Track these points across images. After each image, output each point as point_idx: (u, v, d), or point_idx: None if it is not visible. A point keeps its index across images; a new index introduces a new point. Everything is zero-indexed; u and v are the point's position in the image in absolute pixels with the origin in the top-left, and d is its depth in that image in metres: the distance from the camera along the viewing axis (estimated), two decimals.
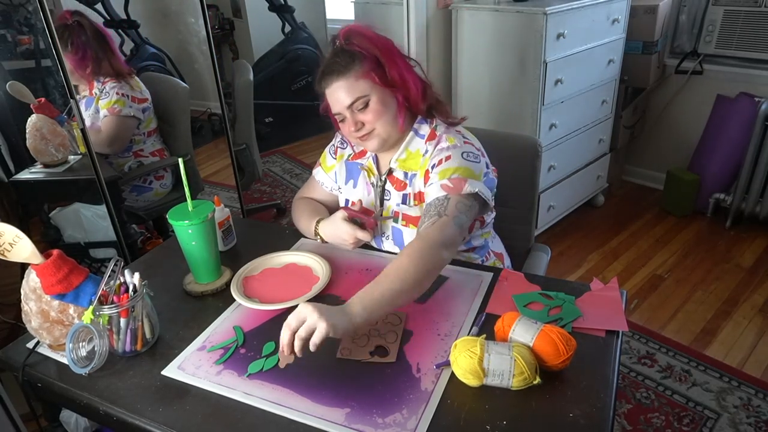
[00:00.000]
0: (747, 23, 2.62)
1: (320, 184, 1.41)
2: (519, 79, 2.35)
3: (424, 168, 1.21)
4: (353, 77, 1.15)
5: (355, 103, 1.16)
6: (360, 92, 1.15)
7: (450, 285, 1.16)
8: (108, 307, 0.94)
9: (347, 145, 1.36)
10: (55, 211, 2.14)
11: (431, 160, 1.20)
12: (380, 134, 1.19)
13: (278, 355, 0.91)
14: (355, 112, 1.17)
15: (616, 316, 1.02)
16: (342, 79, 1.15)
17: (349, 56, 1.15)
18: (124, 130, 2.10)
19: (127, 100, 2.08)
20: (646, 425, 1.75)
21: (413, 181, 1.24)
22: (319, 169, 1.41)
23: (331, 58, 1.17)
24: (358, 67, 1.15)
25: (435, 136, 1.22)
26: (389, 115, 1.18)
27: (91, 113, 2.08)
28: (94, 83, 2.07)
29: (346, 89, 1.15)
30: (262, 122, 3.41)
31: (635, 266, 2.55)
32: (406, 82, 1.18)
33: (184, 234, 1.13)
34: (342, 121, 1.20)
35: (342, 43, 1.18)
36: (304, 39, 3.46)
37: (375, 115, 1.17)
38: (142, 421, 0.88)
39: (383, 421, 0.84)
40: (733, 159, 2.70)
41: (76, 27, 1.97)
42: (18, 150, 1.91)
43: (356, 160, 1.34)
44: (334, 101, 1.18)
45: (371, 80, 1.15)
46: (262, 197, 3.18)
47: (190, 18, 2.60)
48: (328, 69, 1.17)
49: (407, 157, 1.24)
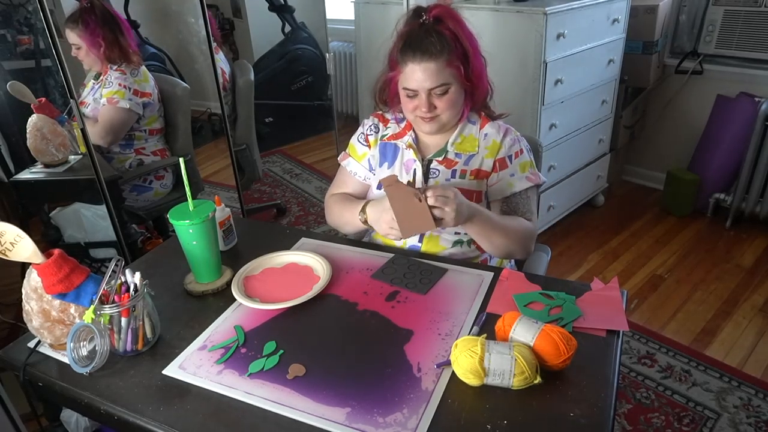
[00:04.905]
0: (747, 23, 2.62)
1: (352, 175, 1.41)
2: (519, 79, 2.35)
3: (495, 151, 1.29)
4: (443, 63, 1.17)
5: (436, 89, 1.19)
6: (444, 79, 1.18)
7: (450, 284, 1.16)
8: (109, 307, 0.94)
9: (380, 128, 1.38)
10: (56, 211, 2.14)
11: (507, 148, 1.29)
12: (443, 120, 1.25)
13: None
14: (432, 95, 1.20)
15: (616, 316, 1.02)
16: (432, 61, 1.16)
17: (443, 40, 1.17)
18: (119, 122, 2.08)
19: (127, 92, 2.07)
20: (646, 425, 1.75)
21: (470, 160, 1.30)
22: (349, 160, 1.42)
23: (423, 35, 1.17)
24: (449, 55, 1.17)
25: (487, 122, 1.31)
26: (458, 107, 1.25)
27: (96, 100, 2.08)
28: (108, 70, 2.07)
29: (433, 72, 1.17)
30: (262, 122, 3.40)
31: (635, 266, 2.55)
32: (482, 81, 1.26)
33: (184, 234, 1.13)
34: (412, 97, 1.22)
35: (431, 21, 1.18)
36: (304, 39, 3.46)
37: (448, 104, 1.21)
38: (143, 420, 0.88)
39: (384, 421, 0.84)
40: (733, 159, 2.70)
41: (87, 7, 2.01)
42: (18, 150, 1.91)
43: (393, 141, 1.35)
44: (415, 78, 1.19)
45: (456, 71, 1.19)
46: (262, 197, 3.18)
47: (190, 18, 2.60)
48: (419, 45, 1.17)
49: (462, 141, 1.31)
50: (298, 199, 3.18)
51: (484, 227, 1.19)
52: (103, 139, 2.09)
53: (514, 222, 1.26)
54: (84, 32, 2.01)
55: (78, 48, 2.03)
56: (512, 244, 1.24)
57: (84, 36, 2.01)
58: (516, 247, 1.25)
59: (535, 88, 2.31)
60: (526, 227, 1.27)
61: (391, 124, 1.37)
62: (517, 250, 1.26)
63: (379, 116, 1.39)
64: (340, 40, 3.79)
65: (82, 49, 2.03)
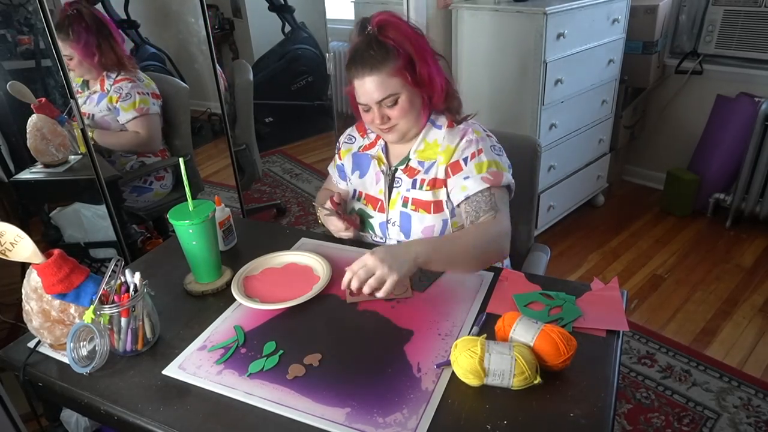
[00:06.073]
0: (747, 23, 2.62)
1: (331, 178, 1.49)
2: (519, 79, 2.35)
3: (449, 157, 1.24)
4: (386, 74, 1.16)
5: (385, 100, 1.18)
6: (391, 90, 1.17)
7: (450, 284, 1.16)
8: (109, 307, 0.94)
9: (355, 140, 1.41)
10: (56, 211, 2.14)
11: (461, 151, 1.23)
12: (402, 129, 1.23)
13: (347, 296, 1.08)
14: (382, 106, 1.19)
15: (616, 316, 1.02)
16: (375, 74, 1.16)
17: (383, 50, 1.15)
18: (156, 127, 2.14)
19: (149, 97, 2.09)
20: (646, 425, 1.75)
21: (430, 169, 1.27)
22: (331, 164, 1.48)
23: (364, 48, 1.17)
24: (392, 64, 1.15)
25: (453, 126, 1.27)
26: (414, 113, 1.22)
27: (102, 110, 2.06)
28: (104, 79, 2.05)
29: (377, 85, 1.16)
30: (262, 122, 3.41)
31: (635, 266, 2.55)
32: (434, 83, 1.22)
33: (184, 234, 1.13)
34: (367, 111, 1.23)
35: (374, 32, 1.17)
36: (304, 39, 3.46)
37: (401, 113, 1.20)
38: (143, 420, 0.88)
39: (384, 421, 0.84)
40: (733, 159, 2.70)
41: (75, 16, 1.95)
42: (18, 150, 1.91)
43: (366, 151, 1.37)
44: (363, 93, 1.19)
45: (403, 79, 1.17)
46: (262, 197, 3.18)
47: (190, 18, 2.60)
48: (361, 59, 1.17)
49: (425, 148, 1.28)
50: (298, 199, 3.18)
51: (441, 258, 1.06)
52: (148, 147, 2.14)
53: (475, 231, 1.15)
54: (76, 43, 1.95)
55: (70, 59, 1.97)
56: (481, 255, 1.13)
57: (76, 46, 1.95)
58: (487, 256, 1.15)
59: (535, 88, 2.31)
60: (490, 230, 1.14)
61: (368, 134, 1.39)
62: (490, 257, 1.16)
63: (360, 126, 1.42)
64: (340, 40, 3.78)
65: (75, 59, 1.97)
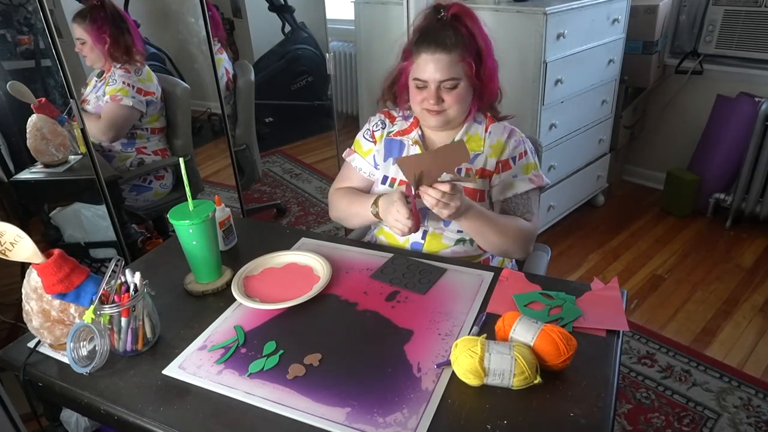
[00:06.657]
0: (747, 23, 2.62)
1: (357, 170, 1.42)
2: (519, 79, 2.35)
3: (498, 151, 1.30)
4: (456, 57, 1.19)
5: (446, 82, 1.20)
6: (455, 74, 1.20)
7: (450, 284, 1.16)
8: (109, 307, 0.94)
9: (386, 125, 1.39)
10: (56, 211, 2.14)
11: (511, 149, 1.30)
12: (449, 116, 1.26)
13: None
14: (441, 88, 1.21)
15: (616, 316, 1.02)
16: (446, 54, 1.18)
17: (459, 36, 1.19)
18: (121, 119, 2.09)
19: (131, 90, 2.07)
20: (646, 425, 1.75)
21: (474, 160, 1.31)
22: (354, 156, 1.43)
23: (440, 28, 1.20)
24: (462, 50, 1.19)
25: (494, 121, 1.33)
26: (465, 104, 1.26)
27: (99, 98, 2.08)
28: (112, 68, 2.07)
29: (445, 65, 1.19)
30: (262, 122, 3.40)
31: (635, 266, 2.55)
32: (492, 83, 1.28)
33: (184, 234, 1.13)
34: (422, 88, 1.23)
35: (449, 18, 1.21)
36: (304, 39, 3.46)
37: (456, 100, 1.23)
38: (143, 420, 0.88)
39: (384, 421, 0.84)
40: (733, 159, 2.70)
41: (98, 5, 2.02)
42: (18, 150, 1.91)
43: (399, 137, 1.36)
44: (426, 69, 1.21)
45: (468, 68, 1.21)
46: (262, 197, 3.18)
47: (190, 18, 2.60)
48: (434, 37, 1.19)
49: (467, 140, 1.32)
50: (298, 199, 3.18)
51: (477, 222, 1.21)
52: (105, 135, 2.09)
53: (512, 221, 1.27)
54: (91, 27, 2.01)
55: (83, 43, 2.03)
56: (508, 242, 1.25)
57: (90, 30, 2.01)
58: (512, 246, 1.26)
59: (535, 88, 2.31)
60: (524, 227, 1.28)
61: (398, 121, 1.38)
62: (513, 249, 1.27)
63: (386, 113, 1.41)
64: (340, 40, 3.79)
65: (87, 43, 2.03)
